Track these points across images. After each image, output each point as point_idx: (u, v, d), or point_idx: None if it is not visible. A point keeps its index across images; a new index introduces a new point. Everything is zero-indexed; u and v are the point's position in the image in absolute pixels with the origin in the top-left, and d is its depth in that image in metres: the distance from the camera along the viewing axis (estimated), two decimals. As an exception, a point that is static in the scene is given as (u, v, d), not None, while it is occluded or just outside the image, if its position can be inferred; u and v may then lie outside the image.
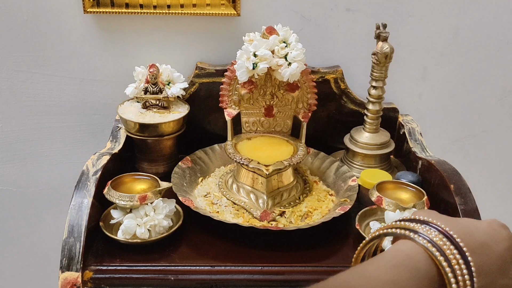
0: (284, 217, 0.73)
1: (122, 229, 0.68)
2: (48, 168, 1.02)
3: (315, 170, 0.85)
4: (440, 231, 0.41)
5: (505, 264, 0.43)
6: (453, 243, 0.40)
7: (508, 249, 0.44)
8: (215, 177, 0.83)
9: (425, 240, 0.40)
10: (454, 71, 0.96)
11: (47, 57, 0.92)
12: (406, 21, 0.91)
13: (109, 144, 0.84)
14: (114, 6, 0.87)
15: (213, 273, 0.65)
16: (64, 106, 0.96)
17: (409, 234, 0.41)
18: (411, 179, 0.78)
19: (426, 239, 0.40)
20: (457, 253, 0.40)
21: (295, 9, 0.89)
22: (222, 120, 0.83)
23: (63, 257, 0.63)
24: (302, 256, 0.67)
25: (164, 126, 0.83)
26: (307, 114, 0.82)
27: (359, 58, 0.92)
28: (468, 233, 0.42)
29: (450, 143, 1.03)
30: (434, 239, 0.40)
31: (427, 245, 0.40)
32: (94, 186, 0.70)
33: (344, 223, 0.73)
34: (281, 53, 0.76)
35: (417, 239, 0.41)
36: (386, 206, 0.68)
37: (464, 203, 0.68)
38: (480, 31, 0.93)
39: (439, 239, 0.40)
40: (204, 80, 0.90)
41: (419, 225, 0.42)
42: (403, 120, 0.93)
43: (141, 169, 0.86)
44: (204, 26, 0.90)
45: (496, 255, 0.42)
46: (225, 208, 0.75)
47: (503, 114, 1.01)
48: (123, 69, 0.92)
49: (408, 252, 0.41)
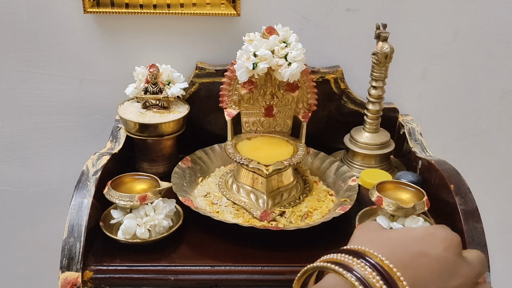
0: (284, 217, 0.73)
1: (122, 229, 0.68)
2: (48, 168, 1.02)
3: (315, 170, 0.85)
4: (367, 261, 0.40)
5: (449, 266, 0.41)
6: (380, 274, 0.39)
7: (447, 249, 0.42)
8: (215, 177, 0.83)
9: (353, 278, 0.39)
10: (454, 71, 0.96)
11: (47, 57, 0.92)
12: (406, 21, 0.91)
13: (109, 144, 0.84)
14: (114, 6, 0.87)
15: (213, 273, 0.65)
16: (64, 106, 0.96)
17: (339, 270, 0.40)
18: (411, 179, 0.78)
19: (355, 275, 0.39)
20: (383, 283, 0.38)
21: (295, 9, 0.89)
22: (222, 120, 0.83)
23: (63, 257, 0.63)
24: (302, 256, 0.67)
25: (164, 126, 0.83)
26: (307, 114, 0.82)
27: (359, 58, 0.92)
28: (398, 249, 0.41)
29: (450, 143, 1.03)
30: (362, 273, 0.39)
31: (355, 283, 0.38)
32: (94, 186, 0.70)
33: (344, 223, 0.73)
34: (281, 53, 0.76)
35: (346, 275, 0.39)
36: (386, 206, 0.68)
37: (464, 203, 0.68)
38: (480, 31, 0.93)
39: (368, 272, 0.39)
40: (204, 80, 0.90)
41: (347, 258, 0.41)
42: (403, 120, 0.93)
43: (141, 169, 0.86)
44: (204, 26, 0.90)
45: (434, 260, 0.41)
46: (225, 208, 0.75)
47: (503, 114, 1.01)
48: (123, 69, 0.92)
49: (336, 284, 0.40)
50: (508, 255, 1.18)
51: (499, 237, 1.13)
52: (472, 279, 0.42)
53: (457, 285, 0.41)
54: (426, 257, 0.41)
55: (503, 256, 1.17)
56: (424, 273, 0.40)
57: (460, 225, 0.67)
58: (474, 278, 0.43)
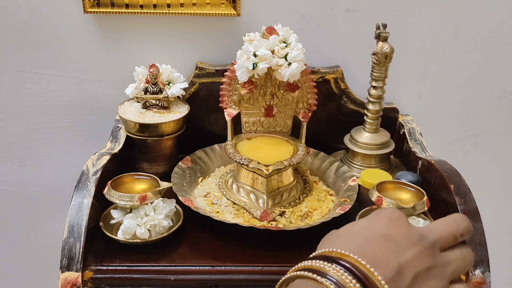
0: (284, 217, 0.73)
1: (122, 229, 0.68)
2: (48, 168, 1.02)
3: (315, 170, 0.85)
4: (341, 265, 0.40)
5: (399, 238, 0.41)
6: (355, 276, 0.39)
7: (391, 223, 0.42)
8: (215, 177, 0.83)
9: (328, 282, 0.39)
10: (454, 71, 0.96)
11: (47, 57, 0.92)
12: (406, 21, 0.91)
13: (109, 144, 0.84)
14: (114, 6, 0.87)
15: (213, 273, 0.65)
16: (64, 106, 0.96)
17: (313, 276, 0.40)
18: (411, 179, 0.78)
19: (330, 280, 0.39)
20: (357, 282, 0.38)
21: (295, 9, 0.89)
22: (222, 120, 0.83)
23: (63, 257, 0.63)
24: (302, 256, 0.66)
25: (164, 126, 0.83)
26: (307, 114, 0.82)
27: (359, 58, 0.92)
28: (365, 245, 0.41)
29: (450, 143, 1.03)
30: (337, 277, 0.39)
31: (331, 286, 0.38)
32: (94, 186, 0.70)
33: (344, 223, 0.72)
34: (281, 53, 0.76)
35: (321, 280, 0.39)
36: (386, 206, 0.68)
37: (464, 203, 0.68)
38: (480, 31, 0.93)
39: (341, 274, 0.39)
40: (204, 80, 0.90)
41: (323, 264, 0.41)
42: (403, 120, 0.93)
43: (141, 169, 0.86)
44: (204, 26, 0.90)
45: (388, 238, 0.41)
46: (225, 208, 0.75)
47: (503, 114, 1.01)
48: (123, 69, 0.92)
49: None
50: (508, 255, 1.18)
51: (499, 237, 1.13)
52: (432, 244, 0.41)
53: (413, 255, 0.40)
54: (387, 239, 0.41)
55: (503, 256, 1.17)
56: (381, 252, 0.40)
57: (460, 225, 0.67)
58: (439, 241, 0.42)
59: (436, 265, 0.41)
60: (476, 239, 0.65)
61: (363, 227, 0.44)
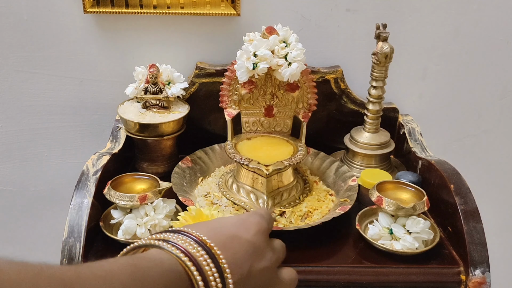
0: (284, 217, 0.73)
1: (122, 229, 0.68)
2: (48, 168, 1.02)
3: (315, 170, 0.85)
4: (189, 236, 0.43)
5: (257, 249, 0.46)
6: (201, 245, 0.42)
7: (257, 233, 0.48)
8: (215, 177, 0.83)
9: (173, 247, 0.41)
10: (454, 71, 0.96)
11: (47, 57, 0.92)
12: (406, 21, 0.91)
13: (109, 144, 0.84)
14: (114, 6, 0.87)
15: (213, 273, 0.65)
16: (64, 106, 0.96)
17: (158, 243, 0.42)
18: (411, 179, 0.78)
19: (174, 245, 0.41)
20: (205, 253, 0.41)
21: (295, 9, 0.89)
22: (222, 120, 0.83)
23: (63, 257, 0.63)
24: (302, 256, 0.67)
25: (164, 126, 0.83)
26: (307, 114, 0.82)
27: (359, 58, 0.92)
28: (217, 231, 0.45)
29: (450, 143, 1.03)
30: (183, 244, 0.42)
31: (175, 251, 0.41)
32: (94, 186, 0.70)
33: (344, 223, 0.73)
34: (281, 53, 0.76)
35: (165, 246, 0.41)
36: (386, 206, 0.68)
37: (464, 203, 0.68)
38: (480, 31, 0.93)
39: (188, 244, 0.42)
40: (204, 80, 0.90)
41: (170, 235, 0.43)
42: (403, 120, 0.93)
43: (141, 169, 0.86)
44: (204, 26, 0.90)
45: (246, 243, 0.46)
46: (225, 208, 0.75)
47: (503, 114, 1.01)
48: (123, 69, 0.92)
49: (156, 257, 0.41)
50: (508, 255, 1.18)
51: (499, 237, 1.13)
52: (275, 263, 0.50)
53: (264, 267, 0.47)
54: (239, 239, 0.46)
55: (503, 256, 1.17)
56: (238, 254, 0.45)
57: (460, 225, 0.67)
58: (276, 262, 0.50)
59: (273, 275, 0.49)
60: (476, 239, 0.65)
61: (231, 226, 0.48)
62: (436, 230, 0.70)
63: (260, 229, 0.49)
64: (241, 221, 0.49)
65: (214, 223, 0.49)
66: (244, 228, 0.48)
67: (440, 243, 0.69)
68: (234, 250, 0.44)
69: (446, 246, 0.70)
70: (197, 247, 0.42)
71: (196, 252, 0.41)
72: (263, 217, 0.52)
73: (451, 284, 0.65)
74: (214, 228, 0.46)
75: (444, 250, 0.69)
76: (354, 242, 0.71)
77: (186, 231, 0.44)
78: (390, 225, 0.69)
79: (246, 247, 0.46)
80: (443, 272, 0.66)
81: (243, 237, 0.46)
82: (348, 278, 0.65)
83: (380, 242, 0.68)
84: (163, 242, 0.42)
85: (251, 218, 0.50)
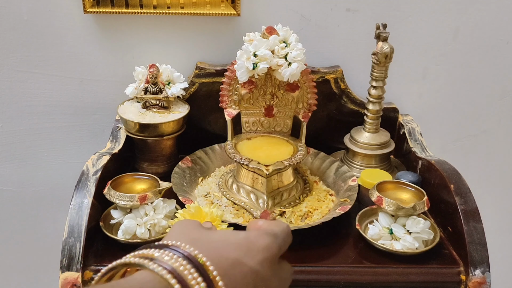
0: (284, 217, 0.73)
1: (122, 229, 0.68)
2: (48, 168, 1.02)
3: (315, 170, 0.85)
4: (182, 254, 0.37)
5: (261, 280, 0.40)
6: (196, 266, 0.36)
7: (263, 261, 0.41)
8: (215, 177, 0.83)
9: (160, 267, 0.35)
10: (454, 71, 0.96)
11: (47, 57, 0.92)
12: (406, 21, 0.91)
13: (109, 144, 0.84)
14: (114, 6, 0.87)
15: (213, 273, 0.65)
16: (64, 106, 0.96)
17: (144, 263, 0.36)
18: (411, 179, 0.78)
19: (161, 265, 0.36)
20: (198, 275, 0.36)
21: (295, 9, 0.89)
22: (222, 120, 0.83)
23: (63, 257, 0.63)
24: (302, 256, 0.67)
25: (164, 126, 0.83)
26: (307, 114, 0.82)
27: (359, 58, 0.92)
28: (219, 252, 0.39)
29: (450, 143, 1.03)
30: (173, 264, 0.36)
31: (162, 272, 0.35)
32: (94, 186, 0.70)
33: (344, 223, 0.73)
34: (281, 53, 0.76)
35: (151, 266, 0.36)
36: (386, 206, 0.68)
37: (464, 203, 0.68)
38: (480, 31, 0.93)
39: (179, 263, 0.36)
40: (204, 80, 0.90)
41: (157, 251, 0.37)
42: (403, 120, 0.93)
43: (141, 169, 0.86)
44: (204, 26, 0.90)
45: (249, 273, 0.40)
46: (225, 208, 0.75)
47: (503, 114, 1.01)
48: (123, 69, 0.92)
49: (143, 280, 0.35)
50: (508, 255, 1.18)
51: (499, 237, 1.13)
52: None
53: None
54: (243, 267, 0.40)
55: (503, 256, 1.17)
56: (241, 282, 0.39)
57: (460, 225, 0.67)
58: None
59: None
60: (476, 239, 0.65)
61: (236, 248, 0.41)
62: (436, 230, 0.70)
63: (269, 257, 0.42)
64: (249, 242, 0.42)
65: (218, 238, 0.42)
66: (250, 252, 0.41)
67: (440, 243, 0.69)
68: (235, 278, 0.38)
69: (446, 246, 0.70)
70: (191, 268, 0.36)
71: (191, 278, 0.36)
72: (276, 238, 0.44)
73: (451, 284, 0.65)
74: (217, 248, 0.40)
75: (444, 250, 0.69)
76: (354, 242, 0.71)
77: (178, 247, 0.38)
78: (390, 225, 0.69)
79: (249, 278, 0.39)
80: (443, 272, 0.66)
81: (248, 264, 0.40)
82: (348, 278, 0.65)
83: (380, 242, 0.68)
84: (149, 261, 0.36)
85: (261, 240, 0.42)
